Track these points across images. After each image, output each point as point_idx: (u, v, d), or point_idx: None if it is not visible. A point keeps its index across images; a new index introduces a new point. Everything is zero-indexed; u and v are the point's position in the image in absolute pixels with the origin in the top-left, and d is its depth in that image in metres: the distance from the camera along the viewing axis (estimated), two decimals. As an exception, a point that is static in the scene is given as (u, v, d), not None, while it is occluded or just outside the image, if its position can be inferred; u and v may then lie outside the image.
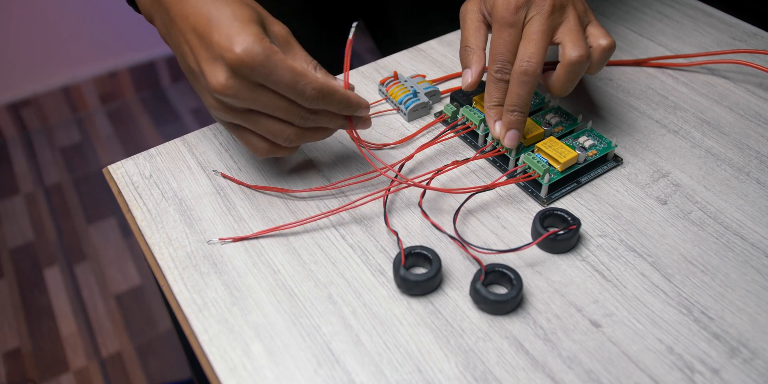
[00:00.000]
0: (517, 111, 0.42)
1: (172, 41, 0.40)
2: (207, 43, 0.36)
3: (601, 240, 0.42)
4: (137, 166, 0.48)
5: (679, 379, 0.34)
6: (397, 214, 0.44)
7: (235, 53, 0.35)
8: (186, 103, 1.76)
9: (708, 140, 0.49)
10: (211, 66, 0.36)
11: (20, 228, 1.43)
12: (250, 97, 0.37)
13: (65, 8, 1.54)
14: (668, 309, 0.38)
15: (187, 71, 0.40)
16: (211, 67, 0.36)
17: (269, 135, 0.40)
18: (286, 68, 0.36)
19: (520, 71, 0.41)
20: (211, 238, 0.42)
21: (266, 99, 0.37)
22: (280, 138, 0.40)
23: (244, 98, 0.37)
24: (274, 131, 0.40)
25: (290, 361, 0.36)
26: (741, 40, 0.59)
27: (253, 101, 0.37)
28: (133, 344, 1.21)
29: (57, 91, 1.67)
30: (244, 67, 0.35)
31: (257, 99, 0.37)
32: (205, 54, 0.37)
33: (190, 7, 0.37)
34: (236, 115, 0.39)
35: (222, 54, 0.35)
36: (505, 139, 0.43)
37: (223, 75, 0.36)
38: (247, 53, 0.35)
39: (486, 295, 0.37)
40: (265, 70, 0.36)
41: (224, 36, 0.35)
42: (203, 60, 0.37)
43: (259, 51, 0.35)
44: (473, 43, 0.44)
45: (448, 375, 0.35)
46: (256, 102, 0.37)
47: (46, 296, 1.29)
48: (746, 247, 0.41)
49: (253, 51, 0.35)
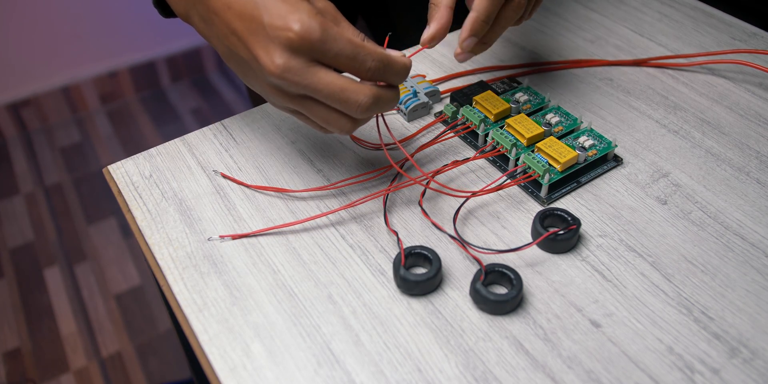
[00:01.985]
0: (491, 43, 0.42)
1: (215, 35, 0.39)
2: (257, 27, 0.36)
3: (601, 240, 0.42)
4: (137, 166, 0.48)
5: (679, 379, 0.34)
6: (397, 214, 0.44)
7: (294, 31, 0.34)
8: (186, 103, 1.76)
9: (708, 140, 0.49)
10: (265, 49, 0.36)
11: (20, 228, 1.43)
12: (309, 78, 0.36)
13: (65, 8, 1.54)
14: (668, 309, 0.38)
15: (237, 62, 0.39)
16: (265, 51, 0.36)
17: (324, 123, 0.39)
18: (345, 40, 0.36)
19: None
20: (211, 236, 0.42)
21: (325, 79, 0.36)
22: (335, 128, 0.39)
23: (302, 78, 0.36)
24: (330, 120, 0.39)
25: (290, 361, 0.36)
26: (741, 40, 0.59)
27: (311, 82, 0.36)
28: (133, 344, 1.21)
29: (57, 91, 1.67)
30: (303, 44, 0.35)
31: (315, 80, 0.36)
32: (255, 39, 0.36)
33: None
34: (293, 100, 0.38)
35: (278, 34, 0.35)
36: (461, 55, 0.43)
37: (280, 56, 0.35)
38: (305, 29, 0.35)
39: (486, 295, 0.37)
40: (324, 45, 0.35)
41: (277, 17, 0.35)
42: (255, 45, 0.36)
43: (316, 26, 0.35)
44: (438, 0, 0.43)
45: (448, 375, 0.35)
46: (314, 83, 0.36)
47: (46, 296, 1.29)
48: (746, 247, 0.41)
49: (311, 27, 0.35)
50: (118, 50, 1.70)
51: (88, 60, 1.68)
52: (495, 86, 0.53)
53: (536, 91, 0.51)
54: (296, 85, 0.36)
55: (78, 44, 1.63)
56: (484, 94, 0.49)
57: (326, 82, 0.36)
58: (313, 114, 0.39)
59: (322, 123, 0.39)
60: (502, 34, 0.42)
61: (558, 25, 0.62)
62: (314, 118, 0.39)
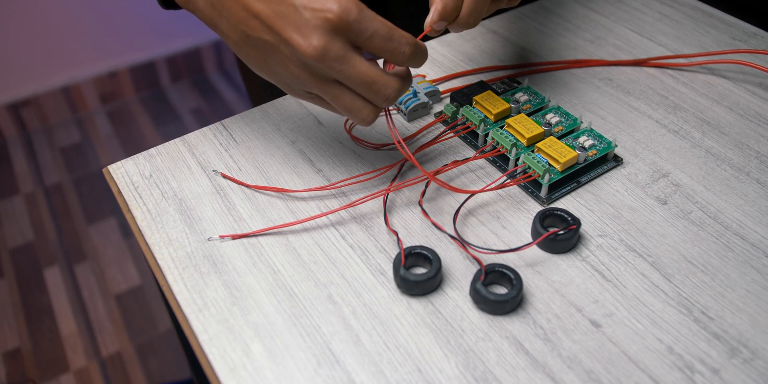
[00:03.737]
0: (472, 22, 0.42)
1: (227, 20, 0.38)
2: (287, 9, 0.35)
3: (601, 240, 0.42)
4: (137, 166, 0.48)
5: (679, 379, 0.34)
6: (397, 214, 0.44)
7: (333, 12, 0.35)
8: (186, 103, 1.76)
9: (708, 140, 0.49)
10: (299, 31, 0.35)
11: (20, 228, 1.43)
12: (347, 63, 0.36)
13: (65, 8, 1.54)
14: (668, 309, 0.38)
15: (257, 47, 0.38)
16: (299, 33, 0.35)
17: (346, 112, 0.39)
18: (380, 21, 0.36)
19: None
20: (211, 236, 0.42)
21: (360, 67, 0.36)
22: (357, 117, 0.39)
23: (340, 63, 0.36)
24: (353, 108, 0.39)
25: (290, 361, 0.36)
26: (741, 40, 0.59)
27: (347, 67, 0.36)
28: (133, 344, 1.21)
29: (57, 91, 1.67)
30: (341, 25, 0.35)
31: (352, 66, 0.36)
32: (285, 21, 0.35)
33: None
34: (321, 84, 0.38)
35: (315, 15, 0.35)
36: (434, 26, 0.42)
37: (319, 38, 0.35)
38: (343, 10, 0.35)
39: (486, 295, 0.37)
40: (361, 24, 0.35)
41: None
42: (285, 28, 0.35)
43: (353, 6, 0.35)
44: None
45: (448, 375, 0.35)
46: (349, 68, 0.36)
47: (46, 296, 1.29)
48: (746, 247, 0.41)
49: (348, 7, 0.35)
50: (118, 50, 1.70)
51: (88, 60, 1.68)
52: (495, 86, 0.53)
53: (536, 91, 0.51)
54: (332, 69, 0.36)
55: (78, 44, 1.63)
56: (484, 94, 0.49)
57: (361, 70, 0.36)
58: (339, 100, 0.38)
59: (344, 111, 0.39)
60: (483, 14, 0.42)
61: (558, 25, 0.62)
62: (338, 104, 0.39)
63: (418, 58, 0.39)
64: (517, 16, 0.64)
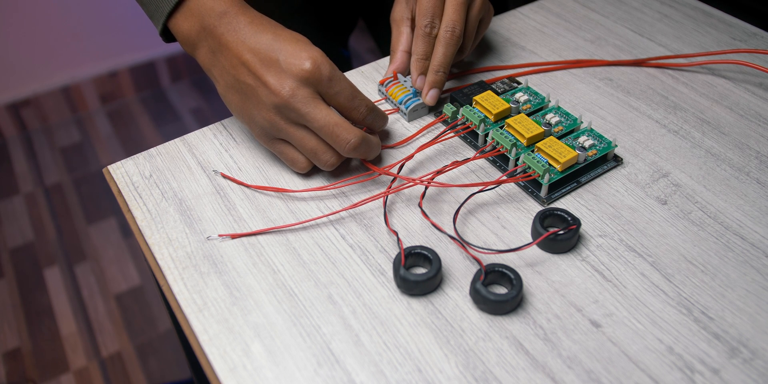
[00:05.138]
0: (441, 71, 0.48)
1: (220, 65, 0.43)
2: (271, 61, 0.41)
3: (601, 240, 0.42)
4: (137, 166, 0.48)
5: (679, 379, 0.34)
6: (397, 214, 0.44)
7: (307, 66, 0.41)
8: (186, 103, 1.76)
9: (708, 140, 0.49)
10: (276, 77, 0.41)
11: (20, 228, 1.43)
12: (311, 107, 0.41)
13: (66, 8, 1.54)
14: (668, 309, 0.38)
15: (239, 91, 0.43)
16: (276, 78, 0.41)
17: (311, 154, 0.43)
18: (347, 82, 0.42)
19: (446, 34, 0.47)
20: (210, 235, 0.42)
21: (324, 112, 0.41)
22: (320, 160, 0.43)
23: (304, 106, 0.41)
24: (317, 151, 0.43)
25: (290, 361, 0.36)
26: (741, 40, 0.59)
27: (311, 110, 0.41)
28: (133, 344, 1.21)
29: (57, 91, 1.67)
30: (312, 77, 0.41)
31: (316, 110, 0.41)
32: (267, 69, 0.41)
33: (245, 34, 0.42)
34: (289, 127, 0.42)
35: (291, 68, 0.41)
36: (428, 97, 0.49)
37: (290, 84, 0.41)
38: (317, 66, 0.41)
39: (486, 295, 0.37)
40: (330, 82, 0.41)
41: (292, 54, 0.41)
42: (266, 74, 0.41)
43: (327, 65, 0.41)
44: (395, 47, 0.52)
45: (448, 375, 0.35)
46: (313, 112, 0.41)
47: (46, 296, 1.29)
48: (746, 247, 0.41)
49: (323, 64, 0.41)
50: (118, 50, 1.69)
51: (88, 60, 1.67)
52: (495, 86, 0.53)
53: (536, 91, 0.51)
54: (298, 111, 0.41)
55: (78, 44, 1.63)
56: (484, 94, 0.49)
57: (324, 114, 0.41)
58: (303, 143, 0.43)
59: (308, 154, 0.44)
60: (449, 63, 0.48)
61: (558, 25, 0.62)
62: (302, 148, 0.43)
63: (376, 119, 0.45)
64: (517, 16, 0.64)
